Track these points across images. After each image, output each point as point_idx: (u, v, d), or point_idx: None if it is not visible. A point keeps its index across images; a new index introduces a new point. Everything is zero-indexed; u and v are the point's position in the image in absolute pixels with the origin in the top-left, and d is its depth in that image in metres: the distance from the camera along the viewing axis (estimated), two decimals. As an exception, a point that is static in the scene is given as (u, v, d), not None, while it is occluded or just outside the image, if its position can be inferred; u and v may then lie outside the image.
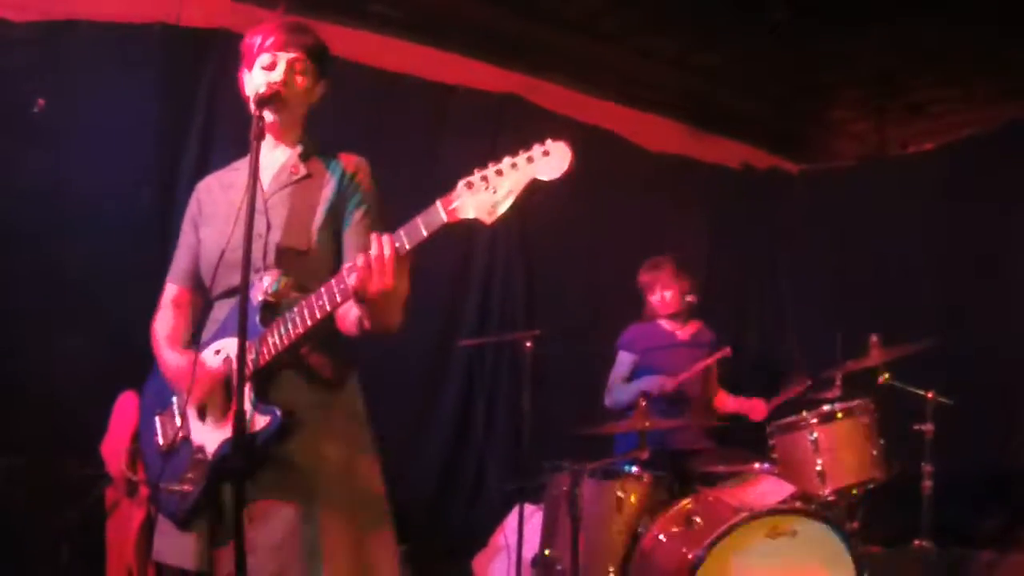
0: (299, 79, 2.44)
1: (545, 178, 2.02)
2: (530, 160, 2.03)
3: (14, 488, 3.87)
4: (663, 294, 4.72)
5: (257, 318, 2.25)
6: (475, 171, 2.05)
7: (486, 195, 2.03)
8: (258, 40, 2.45)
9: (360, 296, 2.07)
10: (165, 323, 2.55)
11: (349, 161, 2.53)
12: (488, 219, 2.03)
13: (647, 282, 4.80)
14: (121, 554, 3.60)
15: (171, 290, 2.60)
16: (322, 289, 2.15)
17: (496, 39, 5.70)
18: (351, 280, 2.06)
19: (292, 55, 2.44)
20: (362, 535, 2.30)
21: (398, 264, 2.05)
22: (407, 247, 2.05)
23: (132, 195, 4.40)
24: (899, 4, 5.18)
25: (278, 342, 2.21)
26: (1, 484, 3.85)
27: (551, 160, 2.01)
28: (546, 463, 4.08)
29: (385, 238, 2.05)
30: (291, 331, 2.19)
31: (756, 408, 4.61)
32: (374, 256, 2.03)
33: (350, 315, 2.25)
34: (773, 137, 7.26)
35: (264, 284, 2.27)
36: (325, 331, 2.25)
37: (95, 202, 4.27)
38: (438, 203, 2.04)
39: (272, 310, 2.27)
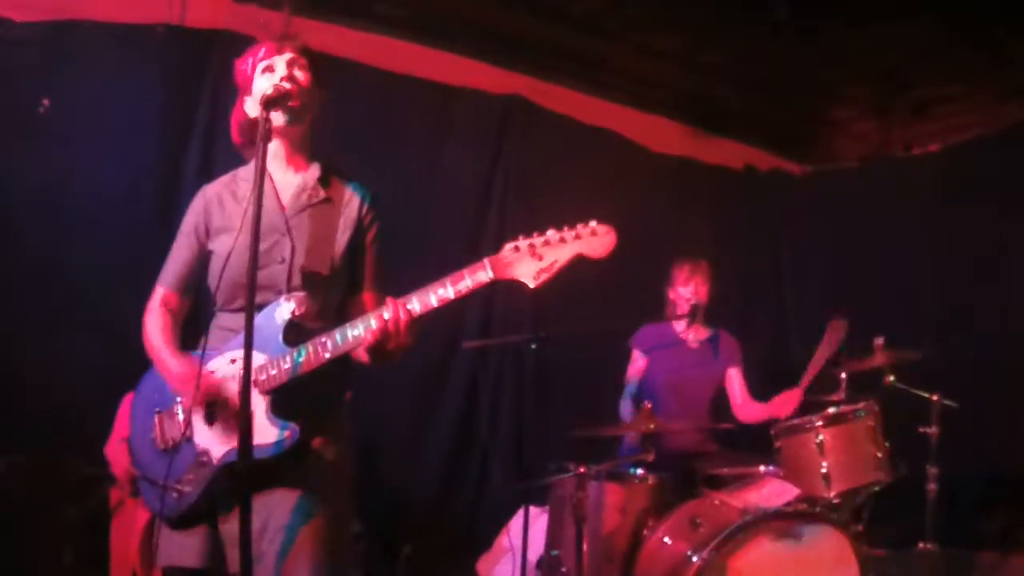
0: (300, 75, 2.48)
1: (589, 255, 2.15)
2: (577, 237, 2.16)
3: (17, 488, 3.87)
4: (700, 289, 4.72)
5: (281, 337, 2.31)
6: (521, 237, 2.19)
7: (532, 262, 2.16)
8: (251, 59, 2.52)
9: (373, 350, 2.24)
10: (160, 327, 2.55)
11: (365, 196, 2.58)
12: (532, 284, 2.18)
13: (686, 274, 4.76)
14: (125, 554, 3.61)
15: (162, 294, 2.61)
16: (347, 328, 2.25)
17: (500, 41, 5.70)
18: (368, 337, 2.21)
19: (288, 55, 2.49)
20: (332, 539, 2.34)
21: (411, 325, 2.20)
22: (418, 311, 2.19)
23: (134, 194, 4.39)
24: (903, 4, 5.17)
25: (305, 363, 2.27)
26: (4, 484, 3.85)
27: (597, 240, 2.16)
28: (551, 465, 4.07)
29: (400, 305, 2.19)
30: (322, 357, 2.26)
31: (787, 403, 4.36)
32: (390, 320, 2.18)
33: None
34: (776, 138, 7.26)
35: (292, 305, 2.33)
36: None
37: (98, 202, 4.28)
38: (486, 261, 2.18)
39: (296, 331, 2.33)
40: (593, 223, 2.17)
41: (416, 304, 2.19)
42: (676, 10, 5.47)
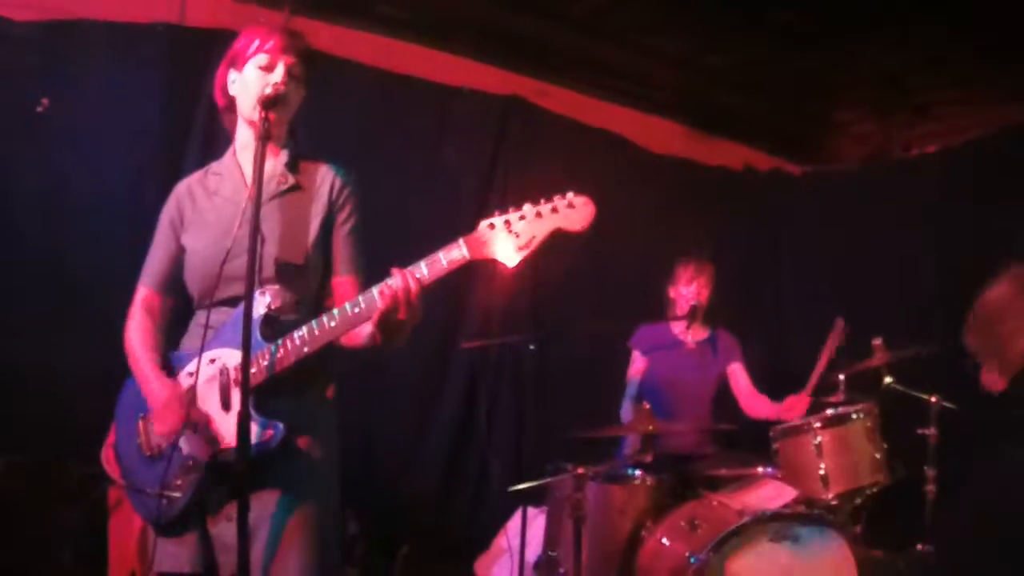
0: (295, 83, 2.46)
1: (568, 229, 2.11)
2: (554, 211, 2.12)
3: (16, 487, 3.86)
4: (702, 291, 4.73)
5: (259, 332, 2.27)
6: (496, 214, 2.13)
7: (508, 239, 2.11)
8: (256, 41, 2.46)
9: (382, 323, 2.15)
10: (141, 335, 2.52)
11: (338, 172, 2.54)
12: (509, 263, 2.12)
13: (690, 274, 4.76)
14: (124, 554, 3.60)
15: (143, 294, 2.58)
16: (335, 311, 2.21)
17: (501, 41, 5.70)
18: (379, 303, 2.14)
19: (291, 59, 2.46)
20: (320, 539, 2.33)
21: (419, 295, 2.14)
22: (428, 279, 2.14)
23: (134, 194, 4.39)
24: (903, 6, 5.17)
25: (284, 357, 2.24)
26: (3, 483, 3.84)
27: (574, 213, 2.12)
28: (549, 465, 4.07)
29: (408, 273, 2.14)
30: (300, 348, 2.23)
31: (796, 406, 4.38)
32: (400, 288, 2.12)
33: (362, 332, 2.30)
34: (776, 139, 7.26)
35: (267, 299, 2.30)
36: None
37: (97, 202, 4.27)
38: (461, 240, 2.13)
39: (272, 325, 2.30)
40: (570, 195, 2.13)
41: (424, 270, 2.15)
42: (677, 12, 5.47)
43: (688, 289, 4.73)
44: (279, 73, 2.42)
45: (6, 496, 3.84)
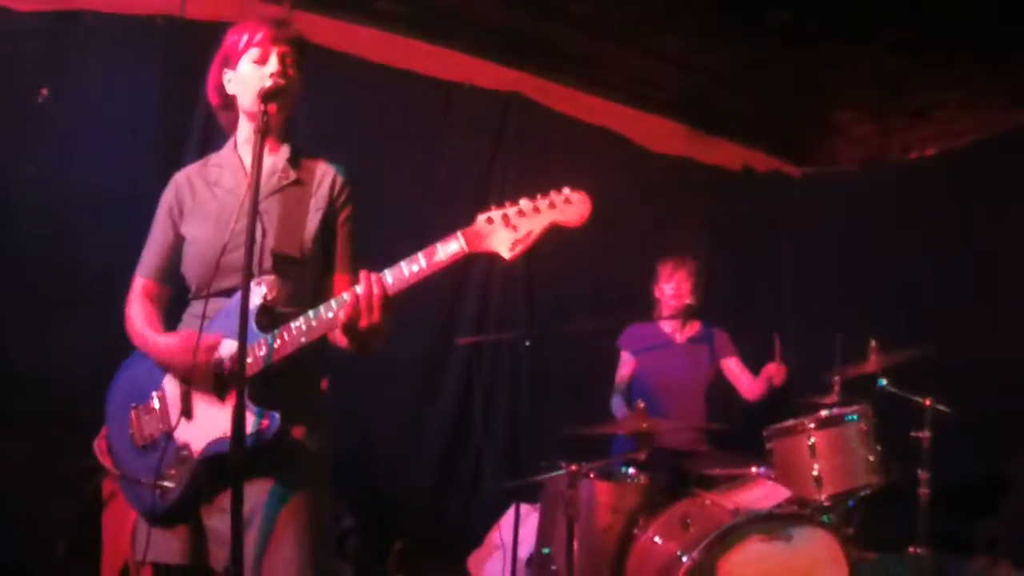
0: (291, 72, 2.45)
1: (565, 224, 2.12)
2: (552, 206, 2.12)
3: (11, 479, 3.86)
4: (683, 285, 4.72)
5: (254, 323, 2.26)
6: (493, 208, 2.13)
7: (506, 232, 2.11)
8: (245, 36, 2.46)
9: (346, 329, 2.16)
10: (143, 314, 2.52)
11: (339, 171, 2.54)
12: (507, 255, 2.12)
13: (669, 271, 4.78)
14: (117, 546, 3.60)
15: (142, 283, 2.58)
16: (332, 302, 2.21)
17: (501, 38, 5.70)
18: (340, 315, 2.15)
19: (284, 48, 2.45)
20: (315, 530, 2.32)
21: (385, 301, 2.13)
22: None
23: (133, 185, 4.39)
24: (903, 7, 5.18)
25: (283, 347, 2.24)
26: (-1, 476, 3.85)
27: (571, 208, 2.12)
28: (543, 462, 4.08)
29: (374, 277, 2.14)
30: (298, 339, 2.23)
31: (775, 374, 4.45)
32: (362, 294, 2.12)
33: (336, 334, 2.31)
34: (775, 140, 7.27)
35: (263, 289, 2.29)
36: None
37: (97, 194, 4.26)
38: (459, 233, 2.13)
39: (268, 315, 2.30)
40: (567, 190, 2.13)
41: (389, 278, 2.15)
42: (677, 12, 5.48)
43: (669, 285, 4.74)
44: (273, 64, 2.41)
45: (1, 489, 3.84)
